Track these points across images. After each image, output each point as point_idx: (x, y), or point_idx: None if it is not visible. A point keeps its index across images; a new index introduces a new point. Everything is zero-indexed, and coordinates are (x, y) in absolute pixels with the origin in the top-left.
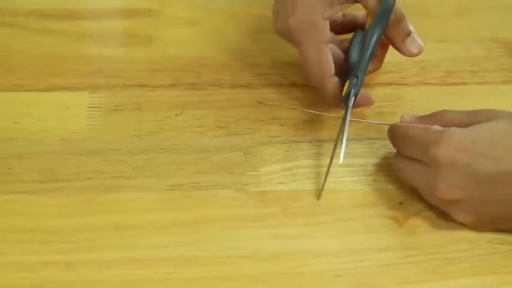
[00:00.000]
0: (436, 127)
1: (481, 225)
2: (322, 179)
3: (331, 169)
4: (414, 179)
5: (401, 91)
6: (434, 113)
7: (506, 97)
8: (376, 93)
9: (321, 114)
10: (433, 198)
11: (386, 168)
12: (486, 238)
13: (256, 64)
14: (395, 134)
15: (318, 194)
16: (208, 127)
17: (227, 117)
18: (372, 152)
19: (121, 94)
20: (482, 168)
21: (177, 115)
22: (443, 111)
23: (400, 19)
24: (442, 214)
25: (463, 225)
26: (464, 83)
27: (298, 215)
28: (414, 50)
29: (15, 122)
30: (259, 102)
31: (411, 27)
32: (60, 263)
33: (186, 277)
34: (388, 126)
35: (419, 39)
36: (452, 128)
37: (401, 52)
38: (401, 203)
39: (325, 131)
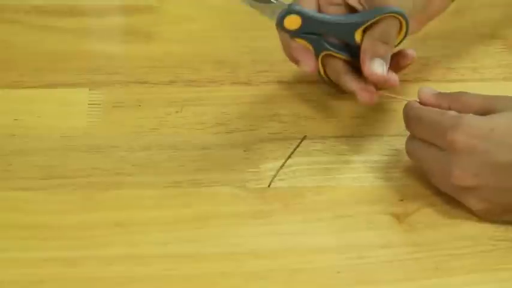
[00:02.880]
0: (452, 112)
1: (490, 213)
2: (322, 176)
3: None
4: (426, 162)
5: (402, 87)
6: (452, 93)
7: (505, 93)
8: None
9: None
10: (444, 184)
11: (387, 165)
12: (487, 235)
13: (256, 61)
14: (410, 114)
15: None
16: (209, 124)
17: (227, 114)
18: (373, 149)
19: (121, 91)
20: (500, 157)
21: (177, 112)
22: (461, 93)
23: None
24: (443, 210)
25: (463, 222)
26: (464, 80)
27: (298, 211)
28: (378, 72)
29: (15, 119)
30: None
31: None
32: (61, 260)
33: (187, 274)
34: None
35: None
36: (469, 115)
37: (363, 69)
38: (401, 200)
39: (326, 128)
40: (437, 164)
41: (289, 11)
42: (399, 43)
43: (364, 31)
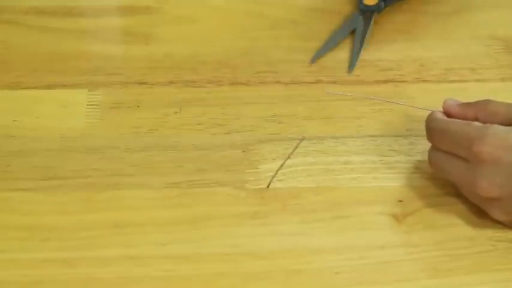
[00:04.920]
0: (477, 123)
1: None
2: (321, 177)
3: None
4: (453, 175)
5: (401, 88)
6: (478, 102)
7: (505, 94)
8: (375, 90)
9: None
10: (471, 195)
11: (386, 166)
12: (486, 235)
13: (255, 62)
14: (432, 126)
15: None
16: (207, 124)
17: (226, 115)
18: (371, 149)
19: (120, 91)
20: None
21: (176, 112)
22: (488, 101)
23: None
24: (442, 211)
25: (462, 223)
26: (463, 80)
27: (297, 212)
28: None
29: (14, 120)
30: (328, 92)
31: None
32: (59, 261)
33: (186, 274)
34: (429, 112)
35: None
36: (495, 125)
37: None
38: (400, 201)
39: (324, 128)
40: (463, 176)
41: None
42: None
43: None
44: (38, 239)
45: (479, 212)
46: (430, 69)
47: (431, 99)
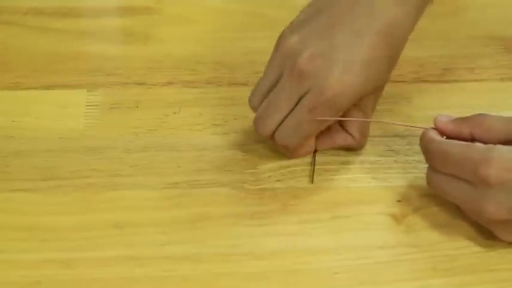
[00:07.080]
0: (479, 145)
1: None
2: (320, 177)
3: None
4: (457, 198)
5: (399, 88)
6: (472, 117)
7: (503, 94)
8: None
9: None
10: (478, 217)
11: (384, 166)
12: (484, 235)
13: (253, 62)
14: (429, 148)
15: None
16: (206, 125)
17: (225, 115)
18: (370, 150)
19: (119, 92)
20: None
21: (175, 113)
22: (482, 116)
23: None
24: (440, 211)
25: (460, 223)
26: (461, 80)
27: (296, 212)
28: None
29: (13, 120)
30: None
31: None
32: (58, 261)
33: (185, 275)
34: (422, 130)
35: None
36: (498, 146)
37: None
38: (399, 201)
39: None
40: (468, 199)
41: None
42: None
43: None
44: (38, 239)
45: None
46: (429, 69)
47: (429, 99)
